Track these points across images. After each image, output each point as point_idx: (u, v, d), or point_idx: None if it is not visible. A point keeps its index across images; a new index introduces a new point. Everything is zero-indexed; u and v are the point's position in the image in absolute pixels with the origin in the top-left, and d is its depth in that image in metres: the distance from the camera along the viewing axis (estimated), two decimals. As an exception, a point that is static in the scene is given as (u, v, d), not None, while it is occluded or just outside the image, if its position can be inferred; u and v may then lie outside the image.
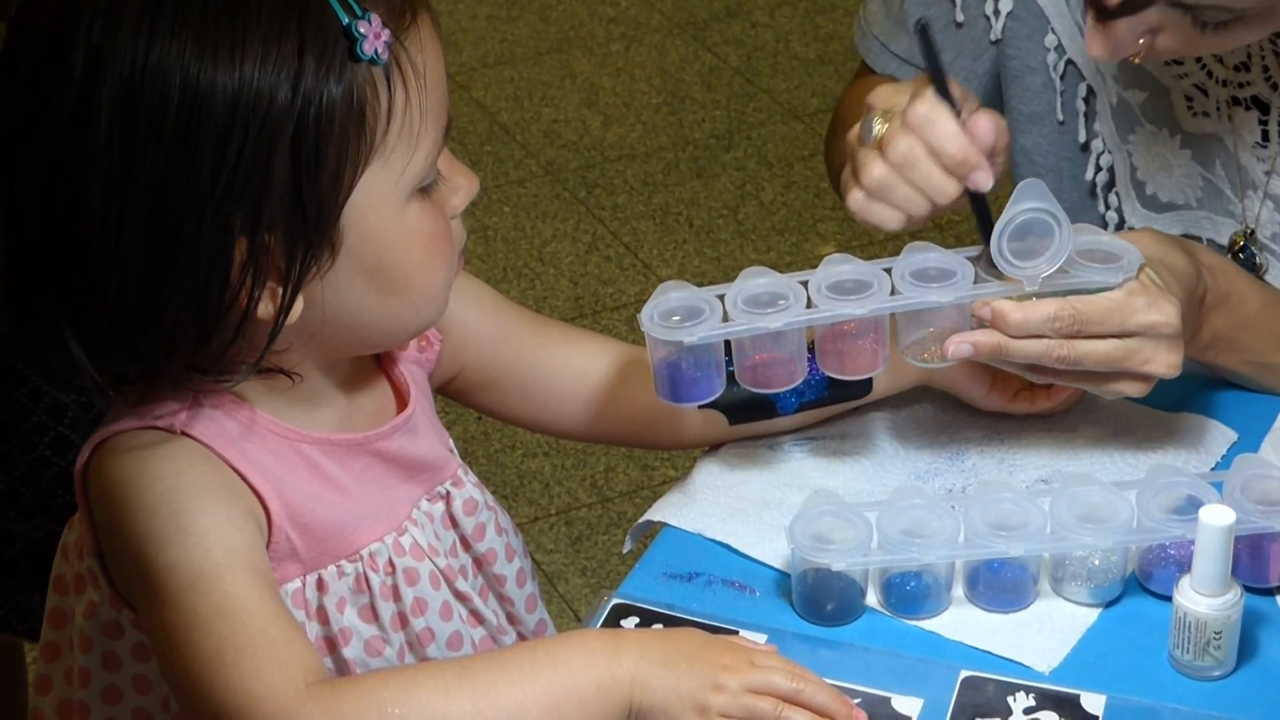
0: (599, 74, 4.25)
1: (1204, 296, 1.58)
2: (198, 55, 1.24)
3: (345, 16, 1.28)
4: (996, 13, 1.80)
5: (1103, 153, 1.79)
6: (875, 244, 3.59)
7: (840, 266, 1.53)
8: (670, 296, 1.52)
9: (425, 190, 1.35)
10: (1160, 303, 1.50)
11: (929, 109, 1.50)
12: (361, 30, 1.27)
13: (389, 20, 1.30)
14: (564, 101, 4.15)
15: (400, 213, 1.33)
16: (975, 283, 1.51)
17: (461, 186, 1.39)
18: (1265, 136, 1.64)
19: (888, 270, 1.52)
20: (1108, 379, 1.53)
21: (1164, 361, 1.51)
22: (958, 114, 1.50)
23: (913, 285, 1.50)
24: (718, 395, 1.53)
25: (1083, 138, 1.80)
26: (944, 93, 1.51)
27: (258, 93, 1.25)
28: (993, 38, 1.83)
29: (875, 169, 1.52)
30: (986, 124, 1.51)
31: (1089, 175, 1.81)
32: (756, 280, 1.52)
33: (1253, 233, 1.73)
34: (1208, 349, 1.61)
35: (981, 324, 1.50)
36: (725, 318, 1.50)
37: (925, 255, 1.53)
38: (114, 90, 1.25)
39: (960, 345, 1.50)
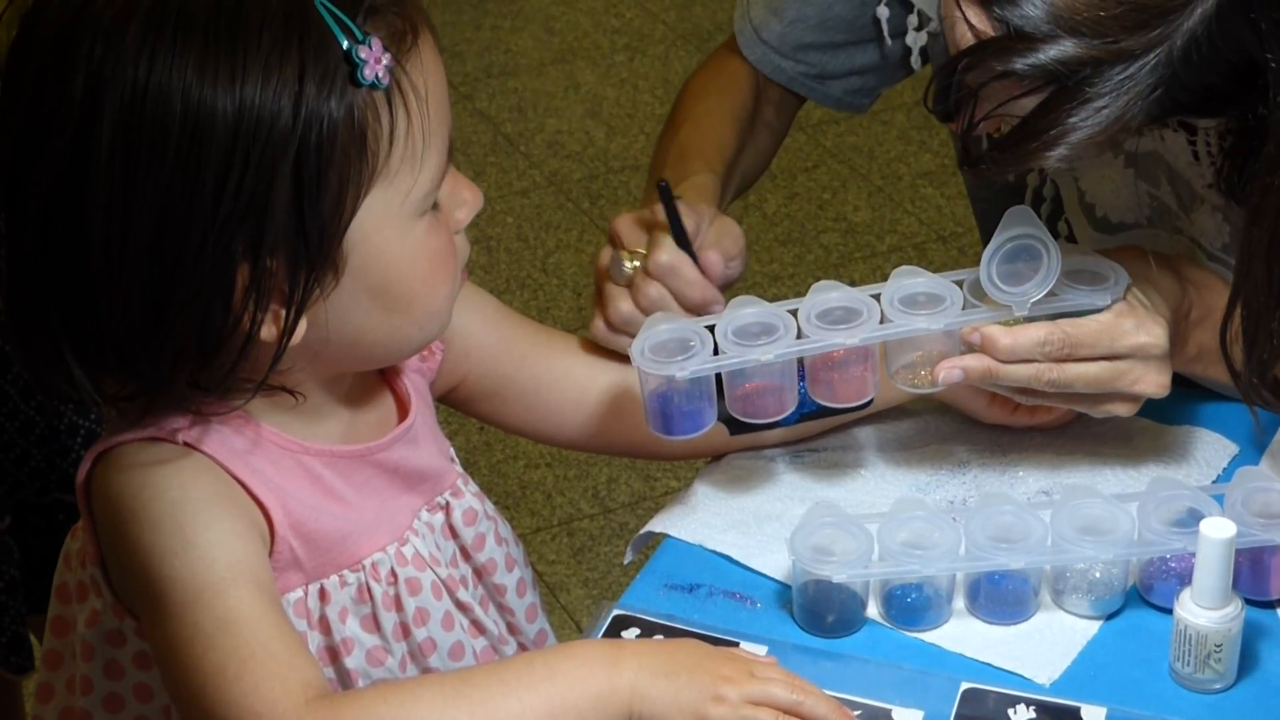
0: (603, 85, 4.25)
1: (1189, 312, 1.59)
2: (199, 79, 1.24)
3: (346, 41, 1.27)
4: (915, 43, 1.80)
5: (1041, 185, 1.79)
6: (878, 255, 3.60)
7: (828, 294, 1.53)
8: (660, 329, 1.52)
9: (430, 208, 1.35)
10: (1148, 324, 1.51)
11: (670, 258, 1.59)
12: (362, 55, 1.27)
13: (390, 43, 1.30)
14: (568, 112, 4.15)
15: (405, 233, 1.33)
16: (964, 308, 1.52)
17: (466, 201, 1.39)
18: (1196, 156, 1.65)
19: (876, 296, 1.53)
20: (1097, 400, 1.54)
21: (1153, 381, 1.52)
22: (694, 259, 1.59)
23: (902, 312, 1.51)
24: (709, 428, 1.54)
25: (1012, 176, 1.80)
26: (682, 242, 1.59)
27: (258, 117, 1.25)
28: (914, 65, 1.83)
29: (624, 307, 1.60)
30: (717, 260, 1.60)
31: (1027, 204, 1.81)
32: (745, 310, 1.53)
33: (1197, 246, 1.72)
34: (1194, 361, 1.62)
35: (971, 348, 1.51)
36: (716, 349, 1.50)
37: (913, 280, 1.54)
38: (115, 113, 1.25)
39: (951, 371, 1.51)
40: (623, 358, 1.61)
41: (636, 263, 1.61)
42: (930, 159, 3.96)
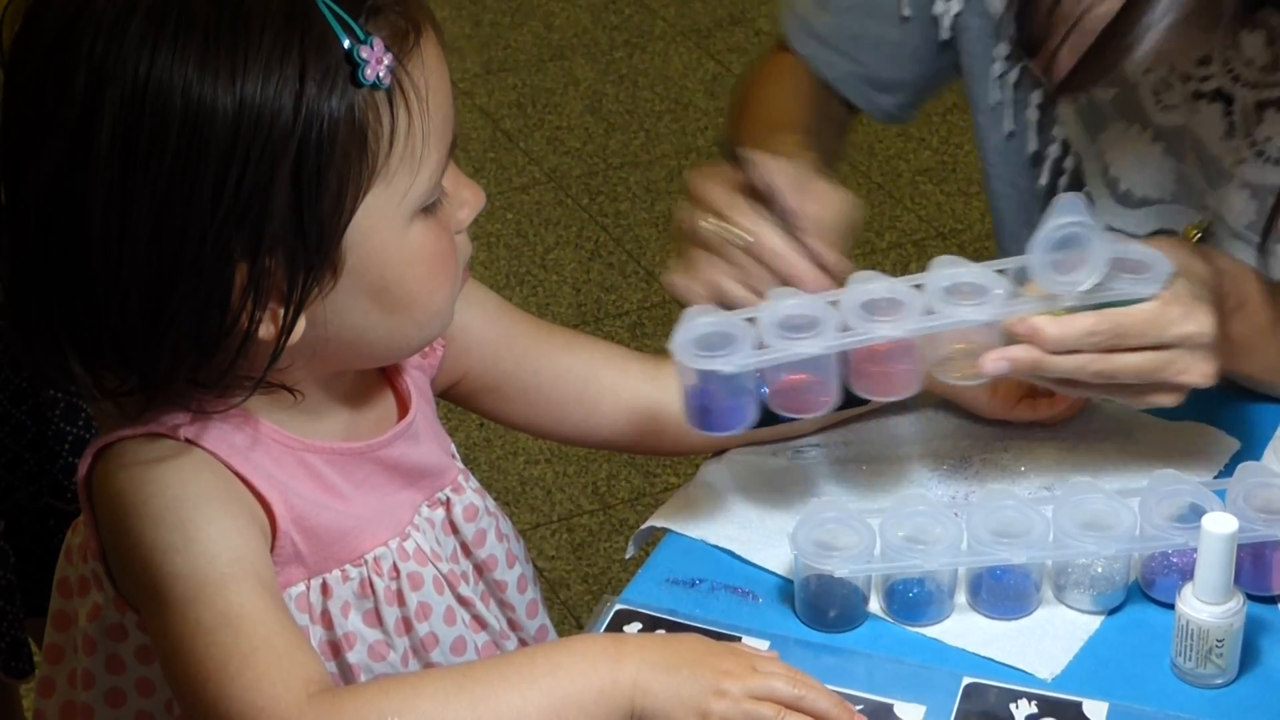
0: (602, 81, 4.25)
1: (1225, 300, 1.57)
2: (199, 76, 1.24)
3: (347, 40, 1.27)
4: (945, 11, 1.79)
5: (1062, 158, 1.78)
6: (878, 252, 3.59)
7: (871, 284, 1.49)
8: (700, 322, 1.48)
9: (429, 208, 1.34)
10: (1196, 313, 1.48)
11: (782, 247, 1.54)
12: (363, 55, 1.27)
13: (392, 43, 1.29)
14: (567, 108, 4.15)
15: (403, 233, 1.33)
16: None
17: (467, 201, 1.39)
18: (1231, 129, 1.63)
19: (918, 287, 1.49)
20: (1142, 391, 1.51)
21: (1200, 371, 1.50)
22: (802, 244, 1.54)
23: (946, 303, 1.47)
24: (750, 423, 1.49)
25: (1033, 147, 1.79)
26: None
27: (259, 115, 1.24)
28: (942, 37, 1.81)
29: (719, 279, 1.55)
30: (834, 259, 1.55)
31: (1043, 181, 1.79)
32: (788, 302, 1.49)
33: (1209, 226, 1.71)
34: (1230, 357, 1.60)
35: (1013, 339, 1.48)
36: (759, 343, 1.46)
37: (955, 270, 1.50)
38: (115, 110, 1.25)
39: (998, 362, 1.47)
40: (624, 350, 1.61)
41: (719, 228, 1.56)
42: (930, 155, 3.95)
